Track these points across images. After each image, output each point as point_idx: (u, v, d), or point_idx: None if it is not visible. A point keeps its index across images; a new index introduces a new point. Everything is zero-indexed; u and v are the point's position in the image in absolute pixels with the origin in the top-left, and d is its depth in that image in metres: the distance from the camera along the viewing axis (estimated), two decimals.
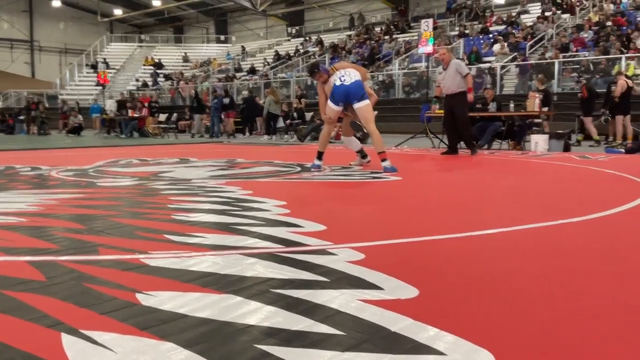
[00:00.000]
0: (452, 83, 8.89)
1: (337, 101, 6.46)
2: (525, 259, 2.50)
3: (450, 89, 8.94)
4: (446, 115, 9.30)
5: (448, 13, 27.31)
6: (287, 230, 3.04)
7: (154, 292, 1.98)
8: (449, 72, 8.91)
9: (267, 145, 13.48)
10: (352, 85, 6.36)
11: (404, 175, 5.99)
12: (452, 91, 8.93)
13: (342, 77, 6.41)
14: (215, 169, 6.87)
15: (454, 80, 8.85)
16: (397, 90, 19.95)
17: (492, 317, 1.76)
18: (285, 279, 2.14)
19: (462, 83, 8.85)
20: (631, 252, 2.67)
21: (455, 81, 8.85)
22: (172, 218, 3.48)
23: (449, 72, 8.91)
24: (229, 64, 31.09)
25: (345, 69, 6.56)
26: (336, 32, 31.76)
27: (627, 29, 17.76)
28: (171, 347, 1.52)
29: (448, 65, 8.99)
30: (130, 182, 5.63)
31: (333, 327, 1.65)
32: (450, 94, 8.98)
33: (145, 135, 18.52)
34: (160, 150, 11.06)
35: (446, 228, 3.22)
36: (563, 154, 9.15)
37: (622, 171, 6.20)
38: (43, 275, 2.22)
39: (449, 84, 8.94)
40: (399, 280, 2.11)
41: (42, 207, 3.99)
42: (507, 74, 18.48)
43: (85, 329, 1.65)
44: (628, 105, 11.61)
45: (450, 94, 8.98)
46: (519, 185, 5.49)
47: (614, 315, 1.79)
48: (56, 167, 7.11)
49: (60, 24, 39.39)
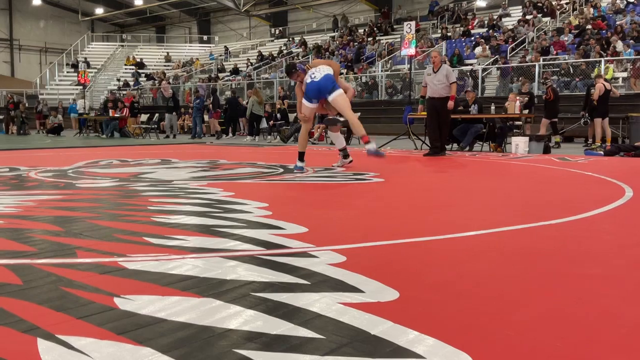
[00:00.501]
0: (440, 87, 9.05)
1: (310, 98, 6.57)
2: (503, 262, 2.52)
3: (438, 92, 9.09)
4: (430, 117, 9.38)
5: (430, 15, 27.48)
6: (268, 233, 3.03)
7: (133, 296, 1.96)
8: (439, 76, 9.05)
9: (250, 146, 13.44)
10: (322, 80, 6.46)
11: (386, 177, 6.01)
12: (439, 94, 9.07)
13: (312, 74, 6.53)
14: (197, 170, 6.83)
15: (442, 84, 9.02)
16: (380, 92, 20.01)
17: (471, 319, 1.77)
18: (266, 282, 2.13)
19: (449, 88, 9.02)
20: (607, 255, 2.70)
21: (443, 85, 9.02)
22: (152, 220, 3.45)
23: (439, 76, 9.05)
24: (212, 64, 30.94)
25: (316, 67, 6.64)
26: (320, 34, 31.77)
27: (607, 32, 18.02)
28: (149, 352, 1.51)
29: (438, 68, 9.12)
30: (110, 183, 5.57)
31: (313, 331, 1.65)
32: (438, 97, 9.10)
33: (126, 135, 18.34)
34: (141, 151, 10.97)
35: (427, 230, 3.23)
36: (543, 156, 9.26)
37: (601, 173, 6.29)
38: (19, 279, 2.19)
39: (437, 88, 9.08)
40: (380, 283, 2.11)
41: (20, 208, 3.93)
42: (488, 77, 18.65)
43: (62, 333, 1.62)
44: (606, 108, 11.77)
45: (438, 97, 9.11)
46: (499, 188, 5.54)
47: (587, 317, 1.81)
48: (35, 168, 7.02)
49: (40, 22, 38.83)
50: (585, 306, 1.92)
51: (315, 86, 6.47)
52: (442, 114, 9.12)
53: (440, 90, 9.04)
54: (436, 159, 8.74)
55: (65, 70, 32.64)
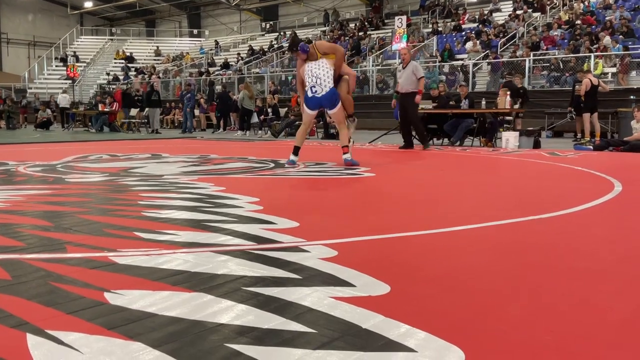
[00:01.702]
0: (407, 82, 9.37)
1: (311, 108, 6.58)
2: (494, 256, 2.53)
3: (405, 87, 9.43)
4: (401, 112, 9.77)
5: (421, 10, 27.48)
6: (259, 227, 3.02)
7: (123, 291, 1.95)
8: (406, 72, 9.40)
9: (241, 140, 13.40)
10: (325, 97, 6.39)
11: (377, 172, 6.02)
12: (406, 90, 9.41)
13: (312, 87, 6.38)
14: (188, 165, 6.81)
15: (409, 80, 9.33)
16: (371, 87, 20.01)
17: (462, 313, 1.78)
18: (257, 277, 2.13)
19: (416, 84, 9.30)
20: (596, 248, 2.72)
21: (410, 81, 9.33)
22: (142, 215, 3.43)
23: (406, 72, 9.40)
24: (202, 59, 30.79)
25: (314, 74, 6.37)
26: (310, 28, 31.67)
27: (596, 27, 18.11)
28: (140, 347, 1.50)
29: (407, 64, 9.46)
30: (99, 178, 5.53)
31: (305, 325, 1.65)
32: (404, 92, 9.45)
33: (116, 130, 18.23)
34: (131, 146, 10.90)
35: (418, 224, 3.24)
36: (533, 151, 9.30)
37: (591, 168, 6.33)
38: (8, 274, 2.17)
39: (404, 83, 9.44)
40: (371, 277, 2.11)
41: (8, 203, 3.89)
42: (479, 72, 18.69)
43: (51, 329, 1.61)
44: (595, 103, 11.84)
45: (404, 93, 9.45)
46: (490, 183, 5.56)
47: (577, 311, 1.83)
48: (24, 163, 6.96)
49: (29, 15, 38.43)
50: (575, 300, 1.93)
51: (317, 101, 6.48)
52: (408, 109, 9.46)
53: (407, 85, 9.38)
54: (427, 154, 8.78)
55: (54, 64, 32.37)
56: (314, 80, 6.39)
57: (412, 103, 9.31)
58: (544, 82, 16.62)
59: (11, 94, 26.17)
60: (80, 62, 30.88)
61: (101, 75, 31.33)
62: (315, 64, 6.45)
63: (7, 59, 37.92)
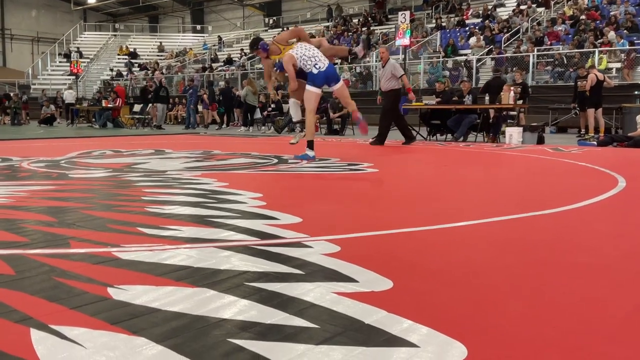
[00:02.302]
0: (385, 81, 9.66)
1: (318, 85, 6.65)
2: (497, 251, 2.53)
3: (384, 86, 9.74)
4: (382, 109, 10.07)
5: (425, 5, 27.37)
6: (262, 223, 3.02)
7: (126, 286, 1.95)
8: (385, 71, 9.68)
9: (244, 136, 13.40)
10: (329, 69, 6.65)
11: (381, 167, 6.02)
12: (385, 88, 9.73)
13: (315, 65, 6.56)
14: (191, 161, 6.81)
15: (387, 79, 9.59)
16: (375, 83, 19.96)
17: (465, 308, 1.78)
18: (260, 272, 2.13)
19: (393, 82, 9.54)
20: (599, 244, 2.72)
21: (387, 80, 9.59)
22: (145, 210, 3.43)
23: (385, 71, 9.68)
24: (205, 54, 30.76)
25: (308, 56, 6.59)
26: (314, 23, 31.60)
27: (601, 22, 18.02)
28: (143, 342, 1.50)
29: (385, 63, 9.74)
30: (103, 173, 5.54)
31: (307, 320, 1.65)
32: (384, 90, 9.76)
33: (119, 126, 18.25)
34: (134, 142, 10.92)
35: (421, 220, 3.24)
36: (536, 147, 9.28)
37: (595, 164, 6.31)
38: (12, 269, 2.18)
39: (383, 82, 9.74)
40: (374, 273, 2.11)
41: (12, 199, 3.91)
42: (482, 67, 18.63)
43: (55, 324, 1.62)
44: (600, 99, 11.79)
45: (384, 91, 9.77)
46: (493, 178, 5.55)
47: (580, 306, 1.82)
48: (27, 158, 6.98)
49: (32, 11, 38.46)
50: (578, 296, 1.93)
51: (324, 74, 6.59)
52: (385, 106, 9.77)
53: (385, 84, 9.68)
54: (431, 150, 8.76)
55: (58, 60, 32.40)
56: (312, 60, 6.58)
57: (389, 101, 9.61)
58: (548, 77, 16.56)
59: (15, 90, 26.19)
60: (83, 58, 30.92)
61: (104, 71, 31.33)
62: (300, 49, 6.67)
63: (11, 55, 37.97)
